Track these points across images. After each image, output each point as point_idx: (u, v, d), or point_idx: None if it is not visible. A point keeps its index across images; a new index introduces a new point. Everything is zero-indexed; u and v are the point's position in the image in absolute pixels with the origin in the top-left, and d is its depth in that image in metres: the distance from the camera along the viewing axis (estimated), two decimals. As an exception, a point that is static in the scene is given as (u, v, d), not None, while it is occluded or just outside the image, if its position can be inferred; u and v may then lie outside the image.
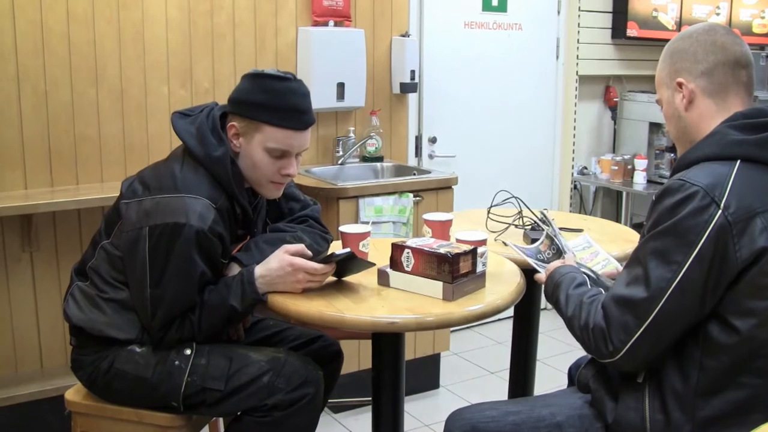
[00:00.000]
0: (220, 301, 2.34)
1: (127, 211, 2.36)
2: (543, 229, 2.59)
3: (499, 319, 5.00)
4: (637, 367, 1.95)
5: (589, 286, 2.09)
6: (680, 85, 2.01)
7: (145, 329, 2.40)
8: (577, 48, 5.45)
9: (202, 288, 2.36)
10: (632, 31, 5.52)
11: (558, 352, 4.47)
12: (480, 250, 2.35)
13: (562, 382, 2.73)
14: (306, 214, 2.72)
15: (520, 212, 3.04)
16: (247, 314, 2.44)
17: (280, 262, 2.31)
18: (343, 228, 2.58)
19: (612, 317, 1.89)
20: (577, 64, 5.48)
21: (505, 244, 2.38)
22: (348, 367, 3.13)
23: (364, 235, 2.55)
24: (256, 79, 2.38)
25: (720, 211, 1.78)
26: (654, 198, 1.90)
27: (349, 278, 2.43)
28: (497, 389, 4.20)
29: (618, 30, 5.56)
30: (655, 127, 5.48)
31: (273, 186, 2.47)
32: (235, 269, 2.44)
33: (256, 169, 2.41)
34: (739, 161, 1.85)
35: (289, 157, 2.41)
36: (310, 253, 2.35)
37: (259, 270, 2.34)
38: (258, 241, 2.52)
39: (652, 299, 1.83)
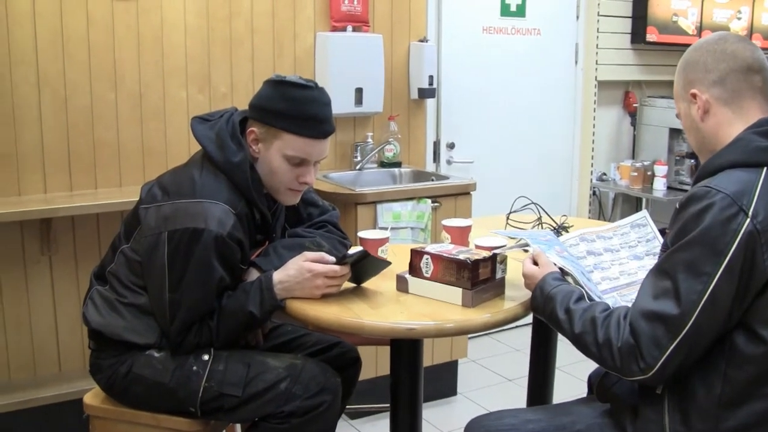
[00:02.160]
0: (239, 307, 2.34)
1: (147, 216, 2.37)
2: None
3: (518, 326, 4.98)
4: (666, 382, 1.90)
5: (587, 300, 2.03)
6: (694, 96, 1.98)
7: (163, 334, 2.40)
8: (596, 53, 5.43)
9: (221, 293, 2.36)
10: (652, 36, 5.49)
11: (577, 359, 4.42)
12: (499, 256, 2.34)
13: (581, 391, 2.71)
14: (325, 220, 2.72)
15: (539, 218, 3.03)
16: (266, 320, 2.44)
17: (299, 268, 2.32)
18: (362, 233, 2.57)
19: (642, 333, 1.82)
20: (596, 69, 5.46)
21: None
22: (366, 373, 3.12)
23: (383, 241, 2.55)
24: (277, 86, 2.37)
25: (748, 220, 1.75)
26: (678, 206, 1.87)
27: (368, 284, 2.43)
28: (515, 397, 4.17)
29: (637, 35, 5.53)
30: (675, 133, 5.44)
31: (290, 193, 2.46)
32: (253, 274, 2.44)
33: (274, 176, 2.41)
34: (765, 168, 1.82)
35: (307, 165, 2.40)
36: (331, 258, 2.34)
37: (277, 276, 2.34)
38: (277, 247, 2.52)
39: (684, 313, 1.77)
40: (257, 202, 2.40)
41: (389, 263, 2.38)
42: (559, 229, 2.94)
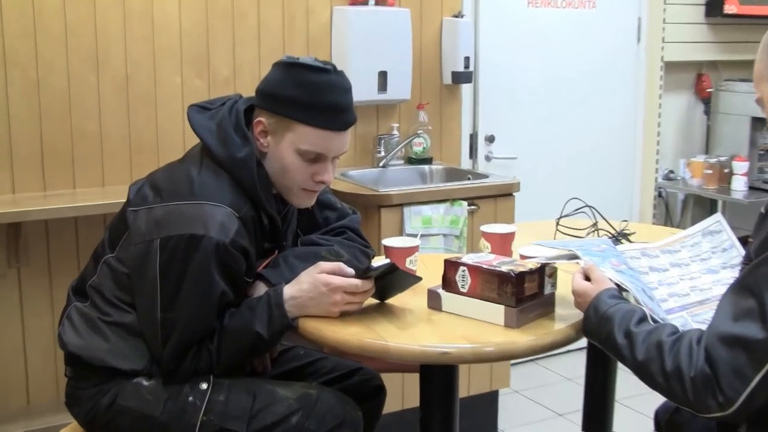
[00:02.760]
0: (244, 326, 2.35)
1: (136, 220, 2.39)
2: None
3: (570, 351, 4.95)
4: (749, 420, 1.88)
5: (651, 321, 2.01)
6: None
7: (154, 359, 2.41)
8: (663, 29, 5.42)
9: (223, 311, 2.37)
10: (731, 7, 5.46)
11: (640, 391, 4.40)
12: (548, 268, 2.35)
13: (645, 427, 2.72)
14: (344, 225, 2.72)
15: (595, 224, 3.03)
16: (275, 342, 2.45)
17: (314, 281, 2.32)
18: (387, 241, 2.58)
19: (720, 362, 1.79)
20: (663, 48, 5.45)
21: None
22: (391, 404, 3.13)
23: (411, 250, 2.56)
24: (289, 69, 2.38)
25: None
26: (763, 210, 1.86)
27: (394, 300, 2.44)
28: (566, 435, 4.19)
29: (713, 6, 5.50)
30: (758, 123, 5.38)
31: (304, 194, 2.48)
32: (260, 289, 2.45)
33: (285, 174, 2.42)
34: None
35: (324, 161, 2.41)
36: (350, 270, 2.34)
37: (288, 290, 2.35)
38: (288, 257, 2.53)
39: None
40: (265, 205, 2.41)
41: (420, 278, 2.40)
42: (619, 237, 2.94)
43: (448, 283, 2.34)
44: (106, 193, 3.71)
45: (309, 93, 2.34)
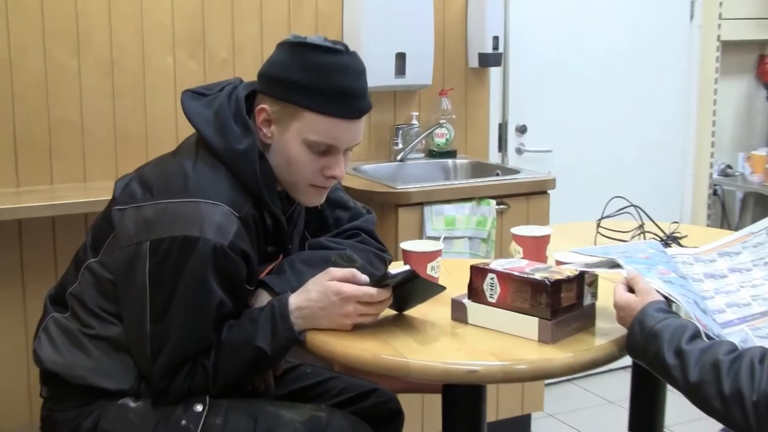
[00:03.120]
0: (244, 341, 2.34)
1: (123, 220, 2.39)
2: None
3: (611, 370, 4.95)
4: None
5: (705, 338, 2.00)
6: None
7: (142, 377, 2.41)
8: (720, 4, 5.41)
9: (220, 323, 2.37)
10: (797, -20, 5.46)
11: (693, 416, 4.38)
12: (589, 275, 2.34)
13: (699, 458, 2.71)
14: (357, 226, 2.73)
15: (641, 226, 3.02)
16: (279, 359, 2.45)
17: (323, 289, 2.31)
18: (405, 245, 2.57)
19: None
20: (720, 26, 5.43)
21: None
22: (409, 430, 3.13)
23: (434, 255, 2.55)
24: (295, 49, 2.38)
25: None
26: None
27: (413, 311, 2.43)
28: (608, 465, 4.19)
29: (777, -21, 5.50)
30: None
31: (313, 190, 2.48)
32: (263, 298, 2.45)
33: (291, 168, 2.42)
34: None
35: (335, 153, 2.41)
36: (365, 278, 2.33)
37: (295, 300, 2.35)
38: (294, 262, 2.54)
39: None
40: (268, 203, 2.41)
41: (443, 287, 2.39)
42: (668, 241, 2.93)
43: (475, 293, 2.33)
44: (88, 189, 3.72)
45: (318, 76, 2.34)
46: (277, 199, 2.45)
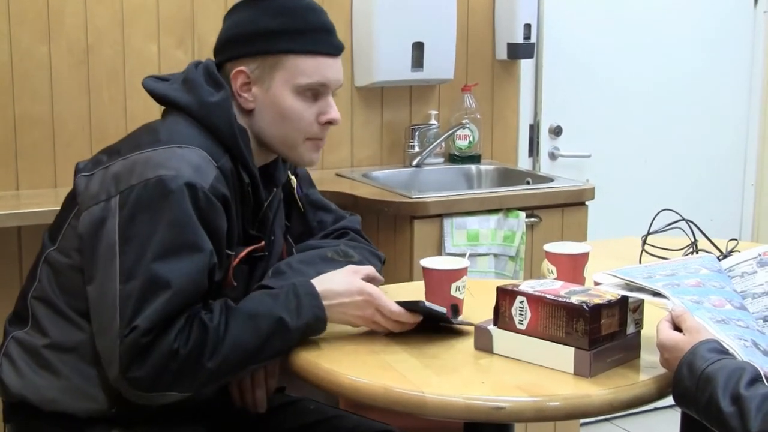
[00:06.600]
0: (264, 309, 2.31)
1: (88, 185, 2.40)
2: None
3: (656, 408, 4.95)
4: None
5: (766, 382, 1.97)
6: None
7: (119, 394, 2.32)
8: (789, -13, 5.41)
9: (216, 292, 2.37)
10: None
11: (748, 462, 4.41)
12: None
13: None
14: (344, 226, 2.80)
15: (694, 243, 3.02)
16: (304, 336, 2.37)
17: (349, 284, 2.37)
18: (426, 262, 2.55)
19: None
20: (789, 12, 5.44)
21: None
22: (424, 476, 3.14)
23: (459, 273, 2.52)
24: (257, 3, 2.50)
25: None
26: None
27: (432, 337, 2.43)
28: None
29: None
30: None
31: (311, 144, 2.54)
32: None
33: (286, 122, 2.49)
34: None
35: (325, 95, 2.52)
36: (381, 278, 2.40)
37: (319, 285, 2.37)
38: (292, 263, 2.56)
39: None
40: (245, 156, 2.45)
41: (471, 324, 2.39)
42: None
43: (502, 318, 2.33)
44: (59, 195, 3.67)
45: (293, 19, 2.48)
46: (253, 160, 2.49)
